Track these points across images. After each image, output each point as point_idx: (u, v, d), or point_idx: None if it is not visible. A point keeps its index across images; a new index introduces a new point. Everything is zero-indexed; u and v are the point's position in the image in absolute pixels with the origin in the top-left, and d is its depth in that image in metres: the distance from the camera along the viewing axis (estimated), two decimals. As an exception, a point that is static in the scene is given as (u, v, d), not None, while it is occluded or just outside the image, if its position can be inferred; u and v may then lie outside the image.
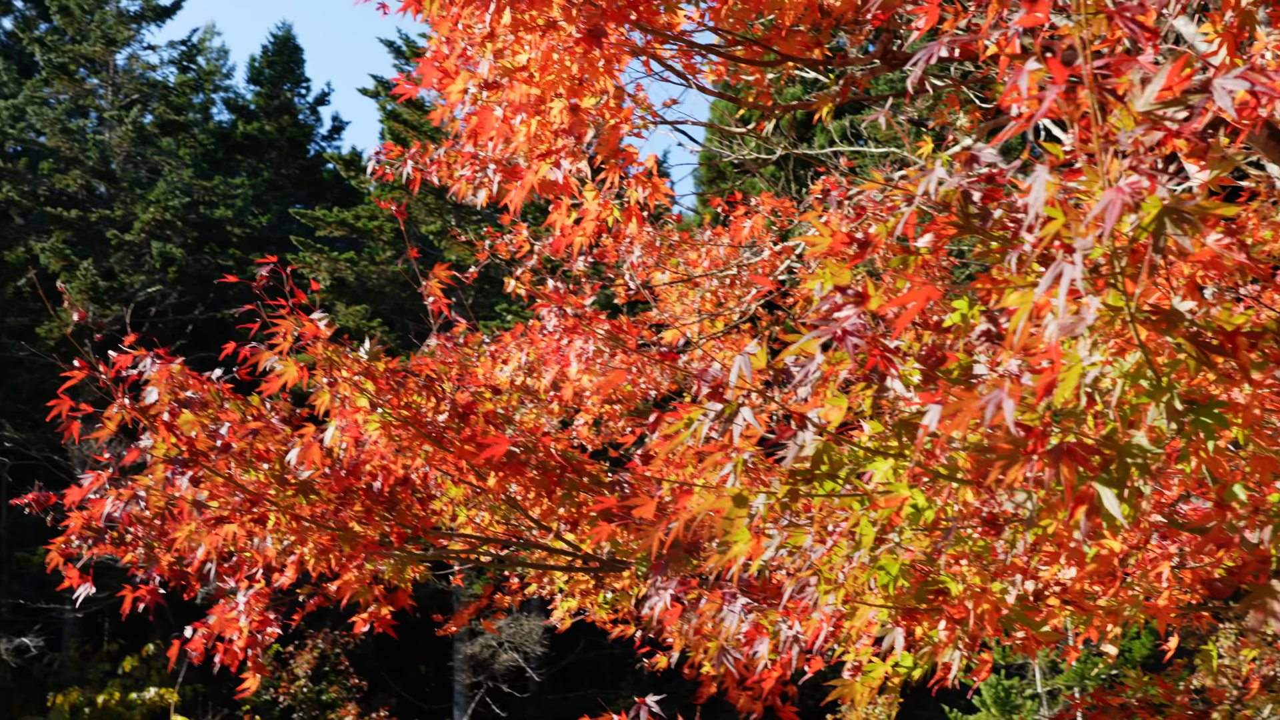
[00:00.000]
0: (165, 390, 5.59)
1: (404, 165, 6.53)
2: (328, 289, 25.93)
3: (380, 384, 5.40)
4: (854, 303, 2.69)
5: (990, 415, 2.41)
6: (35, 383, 26.86)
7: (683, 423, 2.97)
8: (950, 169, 2.75)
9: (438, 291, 6.05)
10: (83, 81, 32.37)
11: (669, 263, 8.62)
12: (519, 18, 4.78)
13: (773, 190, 10.52)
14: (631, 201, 5.18)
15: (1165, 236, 2.30)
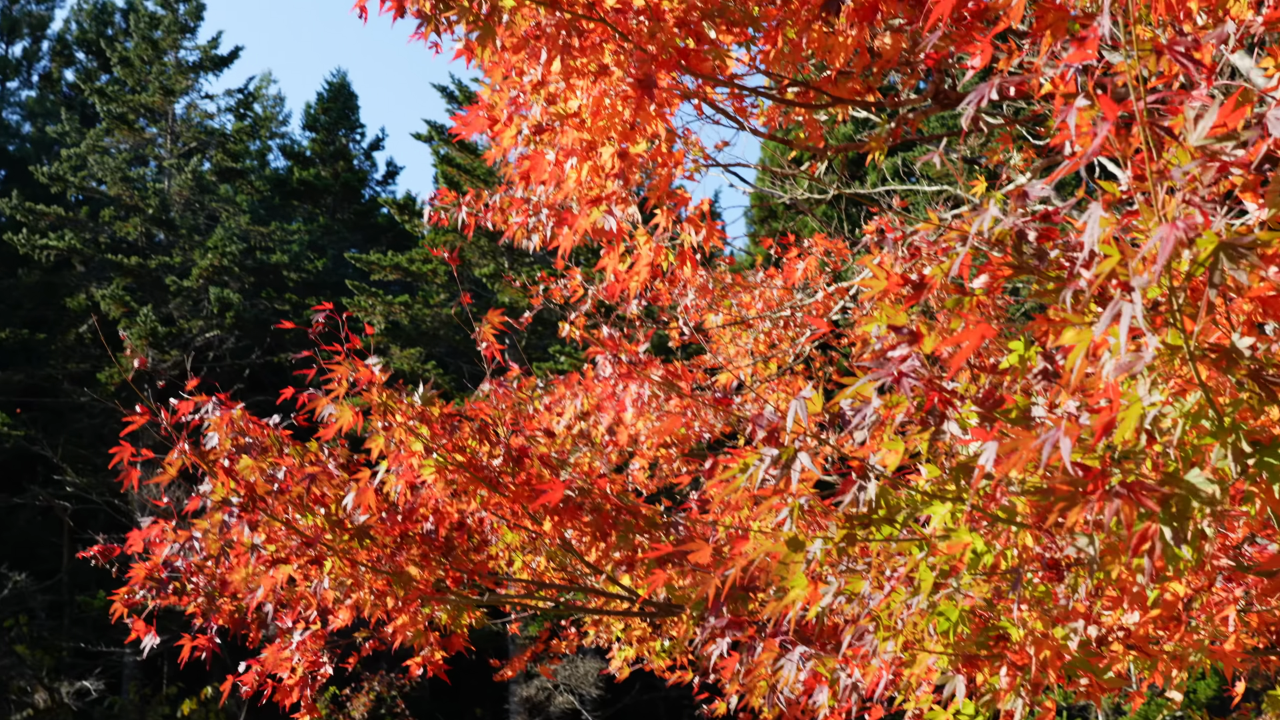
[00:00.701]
0: (225, 435, 5.65)
1: (458, 211, 6.58)
2: (382, 332, 26.10)
3: (435, 428, 5.42)
4: (909, 341, 2.67)
5: (1048, 454, 2.38)
6: (96, 428, 27.21)
7: (738, 467, 2.95)
8: (1005, 208, 2.73)
9: (491, 337, 6.08)
10: (142, 131, 32.92)
11: (722, 305, 8.62)
12: (570, 64, 4.81)
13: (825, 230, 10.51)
14: (685, 245, 5.18)
15: (1222, 272, 2.27)
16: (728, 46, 5.12)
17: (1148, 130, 2.30)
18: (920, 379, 2.68)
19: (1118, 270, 2.41)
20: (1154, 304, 2.55)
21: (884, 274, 3.03)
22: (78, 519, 26.09)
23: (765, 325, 8.53)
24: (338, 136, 37.57)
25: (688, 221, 5.20)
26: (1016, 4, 2.76)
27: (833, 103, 5.23)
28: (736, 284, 8.68)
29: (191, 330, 28.27)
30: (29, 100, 38.32)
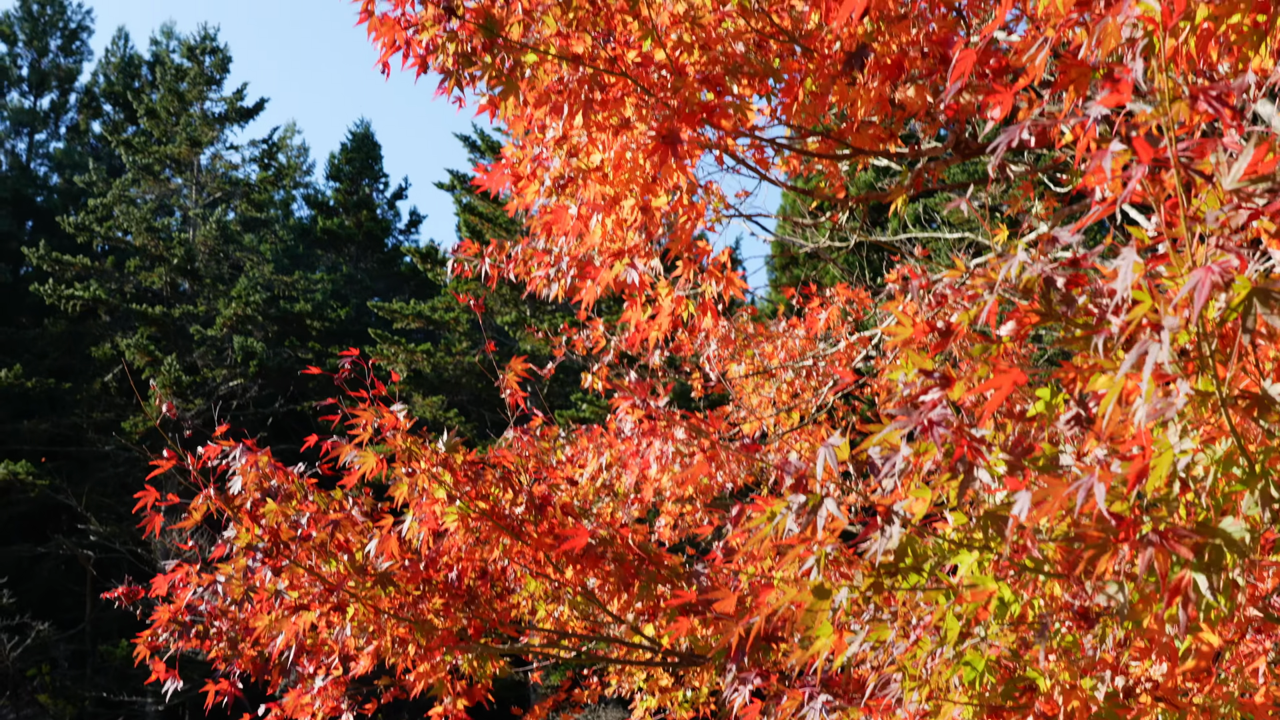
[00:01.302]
0: (250, 481, 5.68)
1: (481, 263, 6.62)
2: (405, 380, 26.19)
3: (458, 476, 5.42)
4: (939, 386, 2.67)
5: (1081, 502, 2.37)
6: (120, 476, 27.31)
7: (764, 516, 2.95)
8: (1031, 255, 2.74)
9: (514, 385, 6.10)
10: (168, 181, 33.25)
11: (744, 354, 8.62)
12: (592, 119, 4.85)
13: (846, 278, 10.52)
14: (706, 296, 5.20)
15: (1255, 317, 2.26)
16: (749, 99, 5.16)
17: (1180, 174, 2.31)
18: (950, 426, 2.67)
19: (1149, 315, 2.41)
20: (1183, 350, 2.55)
21: (909, 321, 3.03)
22: (101, 568, 26.14)
23: (788, 375, 8.53)
24: (361, 186, 37.88)
25: (708, 273, 5.22)
26: (1039, 62, 2.78)
27: (854, 153, 5.26)
28: (759, 334, 8.69)
29: (215, 379, 28.42)
30: (57, 152, 38.76)
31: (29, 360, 29.15)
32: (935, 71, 4.58)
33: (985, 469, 2.73)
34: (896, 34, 4.89)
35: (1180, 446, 2.55)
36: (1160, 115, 2.38)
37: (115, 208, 31.22)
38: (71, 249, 31.16)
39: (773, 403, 8.66)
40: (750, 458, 7.05)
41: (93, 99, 40.54)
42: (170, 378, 26.67)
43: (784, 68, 5.21)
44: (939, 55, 4.53)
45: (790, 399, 8.64)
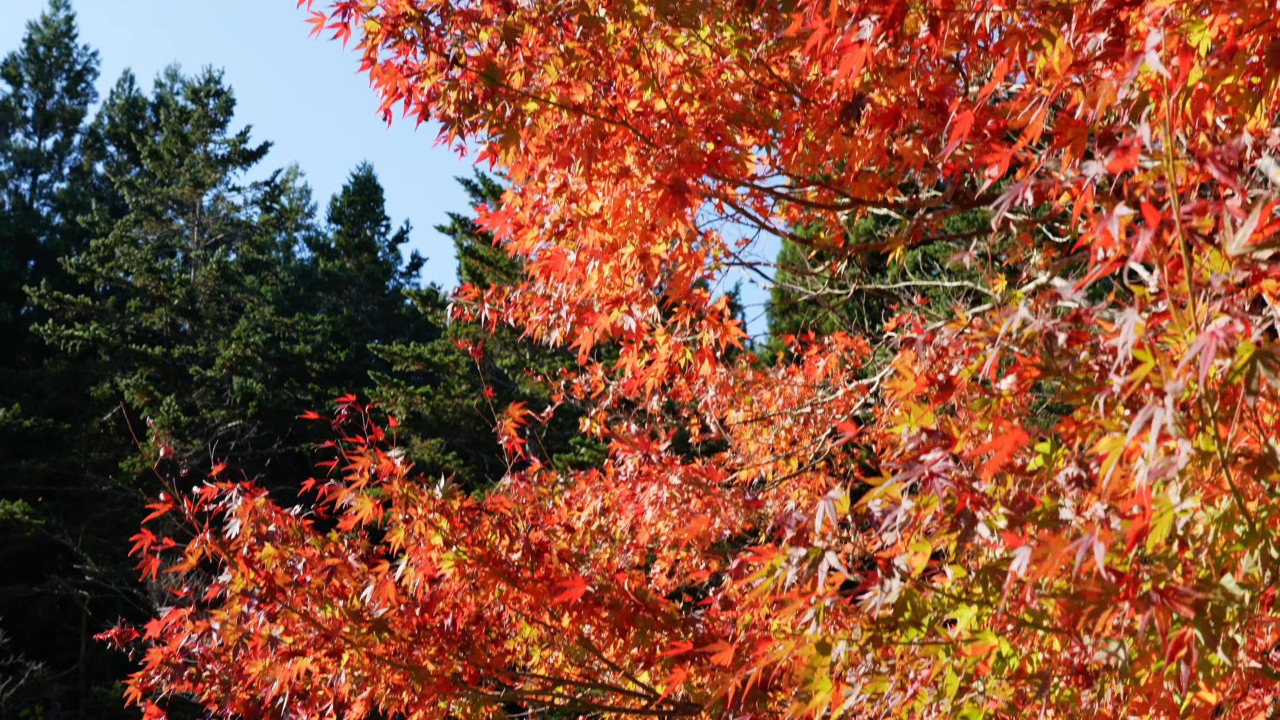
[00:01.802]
0: (247, 524, 5.66)
1: (481, 307, 6.63)
2: (404, 423, 26.16)
3: (455, 522, 5.41)
4: (942, 446, 2.66)
5: (1081, 561, 2.36)
6: (117, 516, 27.23)
7: (764, 571, 2.94)
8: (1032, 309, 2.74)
9: (512, 431, 6.09)
10: (170, 222, 33.36)
11: (743, 401, 8.62)
12: (593, 167, 4.88)
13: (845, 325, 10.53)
14: (704, 344, 5.21)
15: (1258, 380, 2.26)
16: (749, 149, 5.18)
17: (1185, 238, 2.31)
18: (951, 479, 2.67)
19: (1151, 376, 2.41)
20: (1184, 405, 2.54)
21: (911, 374, 3.04)
22: (96, 609, 26.01)
23: (786, 422, 8.53)
24: (363, 228, 38.01)
25: (706, 320, 5.23)
26: (1035, 124, 2.80)
27: (853, 203, 5.28)
28: (757, 380, 8.69)
29: (214, 420, 28.38)
30: (60, 192, 38.90)
31: (28, 400, 29.13)
32: (933, 124, 4.60)
33: (985, 524, 2.72)
34: (895, 85, 4.92)
35: (1181, 505, 2.54)
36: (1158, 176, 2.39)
37: (117, 248, 31.29)
38: (73, 289, 31.22)
39: (771, 449, 8.65)
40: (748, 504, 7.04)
41: (97, 140, 40.73)
42: (169, 418, 26.64)
43: (783, 118, 5.24)
44: (936, 106, 4.55)
45: (789, 446, 8.64)
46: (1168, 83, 2.52)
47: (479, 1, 4.99)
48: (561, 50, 4.98)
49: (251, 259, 33.76)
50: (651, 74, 5.08)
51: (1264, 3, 3.00)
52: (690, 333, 5.27)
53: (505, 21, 4.91)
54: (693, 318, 5.22)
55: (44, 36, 40.20)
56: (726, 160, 4.94)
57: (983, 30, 3.41)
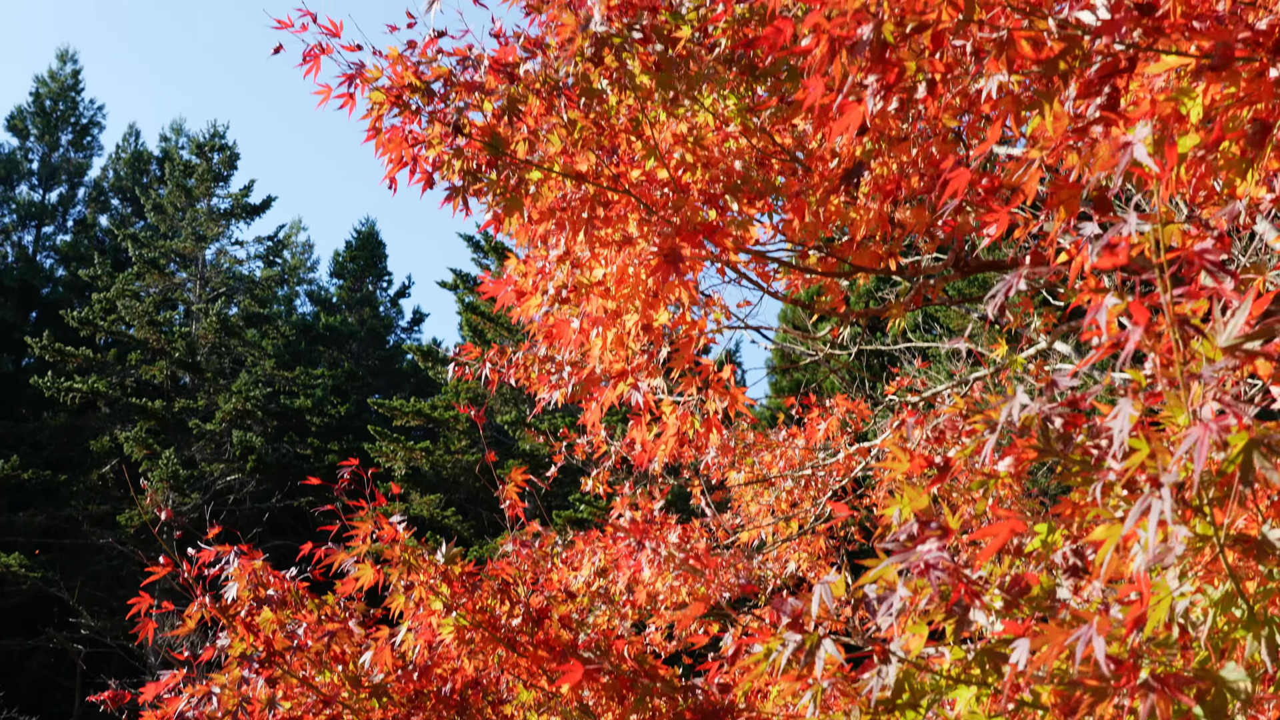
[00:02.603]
0: (245, 587, 5.65)
1: (482, 367, 6.66)
2: (403, 478, 26.13)
3: (455, 587, 5.40)
4: (937, 536, 2.67)
5: (1080, 651, 2.36)
6: (114, 570, 27.14)
7: (762, 653, 2.93)
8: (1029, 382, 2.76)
9: (514, 495, 6.10)
10: (172, 275, 33.46)
11: (744, 462, 8.63)
12: (595, 235, 4.92)
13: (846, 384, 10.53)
14: (710, 412, 5.22)
15: (1252, 470, 2.27)
16: (751, 217, 5.23)
17: (1176, 328, 2.34)
18: (946, 569, 2.67)
19: (1147, 464, 2.42)
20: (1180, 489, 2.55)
21: (906, 455, 3.05)
22: (91, 663, 25.86)
23: (787, 484, 8.53)
24: (365, 284, 38.13)
25: (711, 389, 5.25)
26: (1029, 182, 2.84)
27: (854, 270, 5.31)
28: (758, 442, 8.71)
29: (213, 473, 28.35)
30: (63, 244, 39.05)
31: (26, 452, 29.11)
32: (933, 192, 4.64)
33: (981, 610, 2.72)
34: (896, 154, 4.97)
35: (1179, 590, 2.55)
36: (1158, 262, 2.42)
37: (119, 301, 31.37)
38: (74, 341, 31.28)
39: (771, 511, 8.64)
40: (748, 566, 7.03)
41: (101, 193, 40.94)
42: (167, 472, 26.60)
43: (785, 186, 5.29)
44: (935, 176, 4.60)
45: (789, 508, 8.63)
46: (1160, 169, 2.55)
47: (483, 72, 5.05)
48: (564, 120, 5.03)
49: (253, 313, 33.82)
50: (654, 143, 5.13)
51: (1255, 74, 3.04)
52: (697, 402, 5.30)
53: (509, 92, 4.96)
54: (699, 386, 5.24)
55: (50, 90, 40.51)
56: (726, 229, 4.97)
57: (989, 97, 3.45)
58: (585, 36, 4.78)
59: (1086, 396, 2.68)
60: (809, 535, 8.76)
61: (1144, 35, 2.76)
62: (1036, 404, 2.65)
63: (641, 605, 6.98)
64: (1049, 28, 2.79)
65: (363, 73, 5.01)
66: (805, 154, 5.39)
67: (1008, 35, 2.75)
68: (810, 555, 8.59)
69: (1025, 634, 2.51)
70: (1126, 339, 2.30)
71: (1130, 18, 2.70)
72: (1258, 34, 2.67)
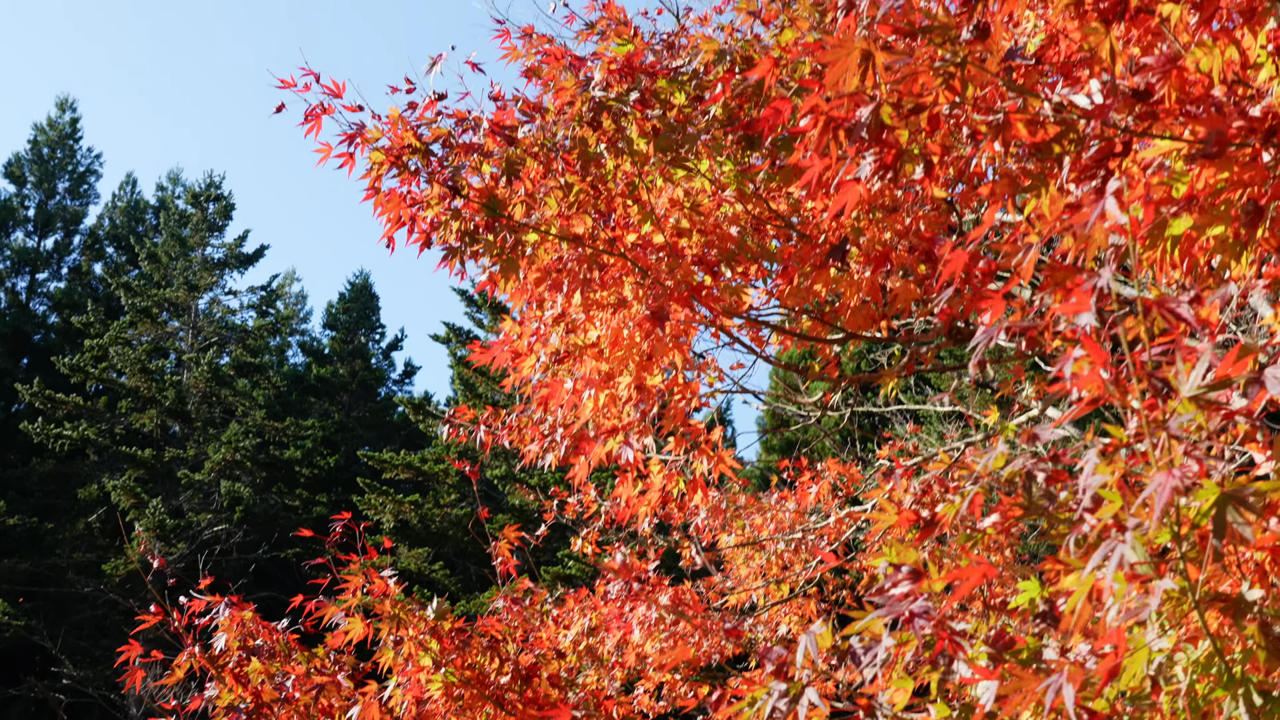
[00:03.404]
0: (235, 637, 5.67)
1: (476, 429, 6.71)
2: (391, 531, 26.02)
3: (445, 643, 5.43)
4: (910, 579, 2.73)
5: (1050, 699, 2.41)
6: (98, 619, 26.95)
7: (747, 701, 2.97)
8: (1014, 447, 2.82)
9: (506, 553, 6.13)
10: (164, 324, 33.49)
11: (735, 524, 8.66)
12: (590, 297, 4.98)
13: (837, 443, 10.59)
14: (697, 474, 5.28)
15: (1224, 524, 2.33)
16: (745, 282, 5.30)
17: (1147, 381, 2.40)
18: (930, 619, 2.72)
19: (1120, 515, 2.48)
20: (1162, 550, 2.61)
21: (894, 509, 3.10)
22: (72, 713, 25.62)
23: (778, 547, 8.56)
24: (357, 335, 38.16)
25: (700, 450, 5.30)
26: (1026, 266, 2.91)
27: (846, 337, 5.39)
28: (749, 505, 8.75)
29: (200, 523, 28.24)
30: (57, 291, 39.08)
31: (13, 498, 28.99)
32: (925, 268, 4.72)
33: (965, 663, 2.77)
34: (888, 223, 5.05)
35: (1157, 645, 2.59)
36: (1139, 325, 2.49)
37: (111, 349, 31.37)
38: (65, 388, 31.25)
39: (762, 574, 8.67)
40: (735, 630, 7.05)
41: (96, 241, 41.03)
42: (155, 520, 26.50)
43: (779, 252, 5.37)
44: (926, 251, 4.68)
45: (780, 571, 8.66)
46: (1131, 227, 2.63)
47: (482, 134, 5.14)
48: (562, 183, 5.12)
49: (244, 362, 33.81)
50: (650, 207, 5.22)
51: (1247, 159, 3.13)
52: (685, 463, 5.35)
53: (508, 154, 5.05)
54: (687, 447, 5.29)
55: (49, 138, 40.70)
56: (717, 295, 5.05)
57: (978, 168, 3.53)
58: (585, 100, 4.88)
59: (1068, 451, 2.75)
60: (800, 598, 8.77)
61: (1138, 119, 2.85)
62: (1020, 459, 2.71)
63: (631, 666, 6.99)
64: (1045, 110, 2.88)
65: (363, 133, 5.09)
66: (799, 220, 5.48)
67: (1004, 117, 2.83)
68: (801, 618, 8.60)
69: (995, 678, 2.55)
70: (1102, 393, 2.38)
71: (1126, 103, 2.78)
72: (1251, 121, 2.76)
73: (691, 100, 5.19)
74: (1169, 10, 3.03)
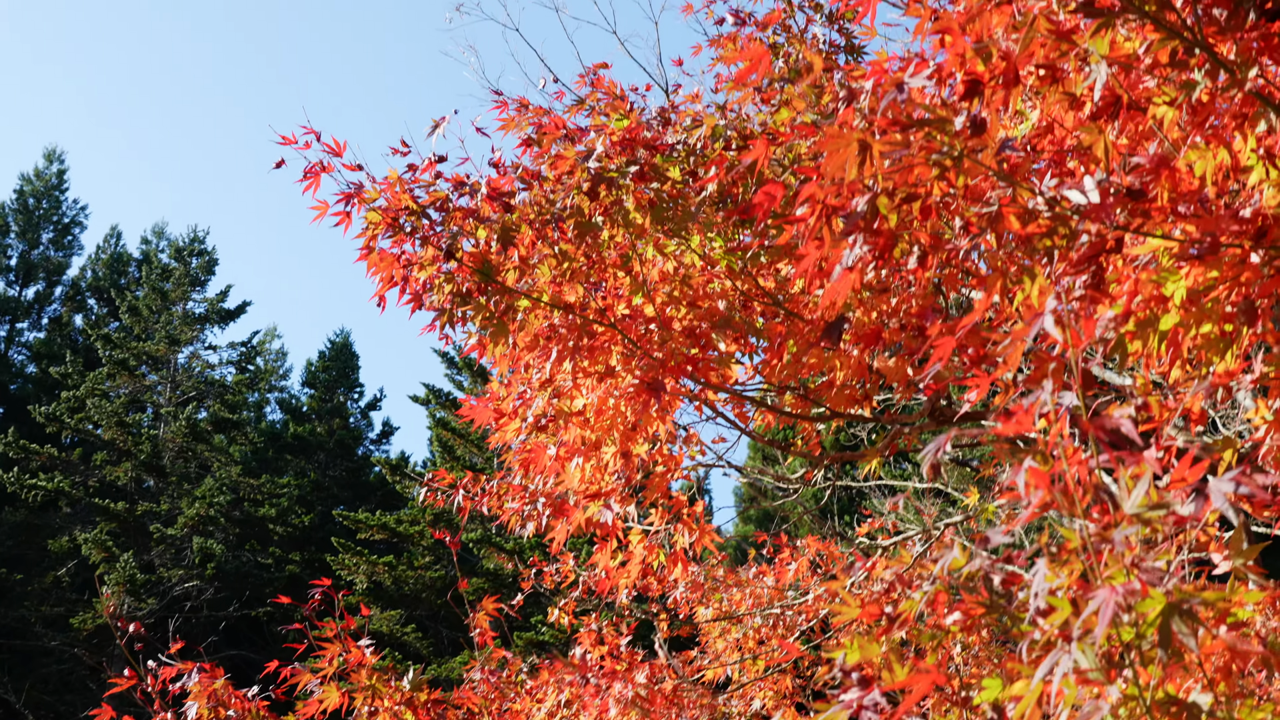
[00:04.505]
0: (205, 705, 5.59)
1: (455, 494, 6.68)
2: (364, 591, 25.79)
3: (420, 715, 5.37)
4: (858, 686, 2.74)
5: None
6: (63, 674, 26.59)
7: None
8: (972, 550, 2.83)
9: (484, 623, 6.09)
10: (143, 377, 33.34)
11: (712, 598, 8.62)
12: (579, 365, 4.99)
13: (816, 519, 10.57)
14: (678, 547, 5.26)
15: (1169, 634, 2.33)
16: (732, 355, 5.32)
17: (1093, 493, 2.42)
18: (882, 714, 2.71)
19: (1070, 621, 2.49)
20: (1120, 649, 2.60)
21: (856, 602, 3.11)
22: (33, 770, 25.21)
23: (755, 621, 8.52)
24: (336, 394, 38.03)
25: (682, 522, 5.29)
26: (1013, 355, 2.93)
27: (830, 415, 5.40)
28: (727, 579, 8.71)
29: (171, 579, 27.95)
30: (36, 341, 38.92)
31: (-17, 548, 28.70)
32: (914, 345, 4.75)
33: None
34: (877, 303, 5.08)
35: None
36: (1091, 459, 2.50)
37: (88, 400, 31.20)
38: (40, 438, 31.02)
39: (739, 648, 8.62)
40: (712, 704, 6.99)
41: (78, 292, 40.95)
42: (125, 575, 26.22)
43: (766, 328, 5.39)
44: (917, 329, 4.71)
45: (757, 645, 8.61)
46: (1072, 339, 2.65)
47: (479, 199, 5.16)
48: (556, 251, 5.14)
49: (222, 418, 33.64)
50: (642, 279, 5.24)
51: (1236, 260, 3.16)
52: (666, 535, 5.33)
53: (503, 220, 5.07)
54: (669, 520, 5.28)
55: (35, 188, 40.75)
56: (708, 365, 5.06)
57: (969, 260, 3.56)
58: (584, 170, 4.91)
59: (1021, 554, 2.75)
60: (775, 674, 8.72)
61: (1130, 216, 2.88)
62: (978, 559, 2.72)
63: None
64: (1038, 203, 2.91)
65: (361, 193, 5.11)
66: (786, 298, 5.51)
67: (998, 210, 2.87)
68: (776, 693, 8.55)
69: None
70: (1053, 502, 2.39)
71: (1120, 200, 2.82)
72: (1241, 222, 2.79)
73: (686, 174, 5.23)
74: (1162, 112, 3.08)
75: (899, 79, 2.86)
